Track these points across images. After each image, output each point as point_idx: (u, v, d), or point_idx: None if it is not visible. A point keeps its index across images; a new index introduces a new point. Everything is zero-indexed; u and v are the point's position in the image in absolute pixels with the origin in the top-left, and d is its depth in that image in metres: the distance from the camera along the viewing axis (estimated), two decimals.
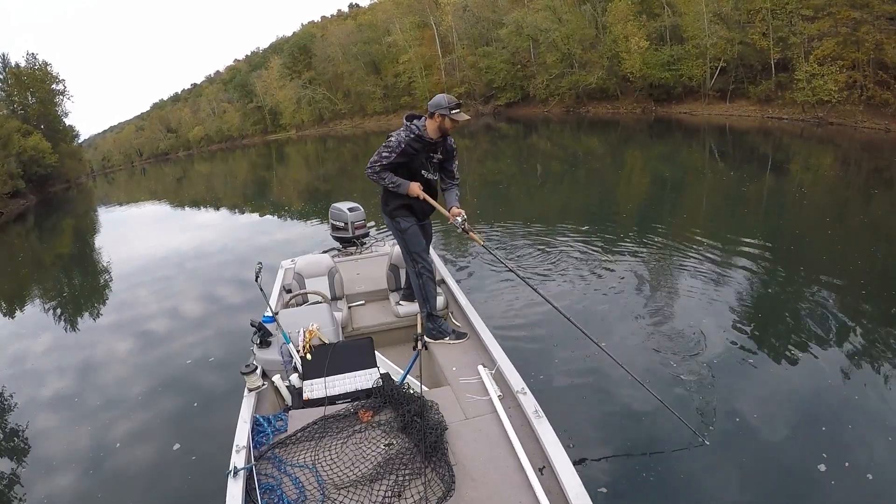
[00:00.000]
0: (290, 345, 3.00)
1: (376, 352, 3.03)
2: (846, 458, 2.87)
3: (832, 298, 4.81)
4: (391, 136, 3.09)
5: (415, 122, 3.11)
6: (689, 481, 2.85)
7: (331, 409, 2.57)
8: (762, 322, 4.56)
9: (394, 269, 4.00)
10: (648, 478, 2.89)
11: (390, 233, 4.00)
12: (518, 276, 3.49)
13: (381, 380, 2.76)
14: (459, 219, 3.16)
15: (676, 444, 3.09)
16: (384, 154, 3.08)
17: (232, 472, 2.13)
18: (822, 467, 2.83)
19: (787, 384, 3.62)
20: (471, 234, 3.19)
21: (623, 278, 5.73)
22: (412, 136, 3.06)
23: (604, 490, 2.81)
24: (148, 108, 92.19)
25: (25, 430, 4.40)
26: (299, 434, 2.40)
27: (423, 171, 3.17)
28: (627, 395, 3.59)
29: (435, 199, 3.28)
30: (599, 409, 3.53)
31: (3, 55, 39.88)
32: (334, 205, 5.64)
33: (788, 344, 4.12)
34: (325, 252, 5.27)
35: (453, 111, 3.00)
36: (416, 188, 3.12)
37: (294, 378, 2.87)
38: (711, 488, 2.81)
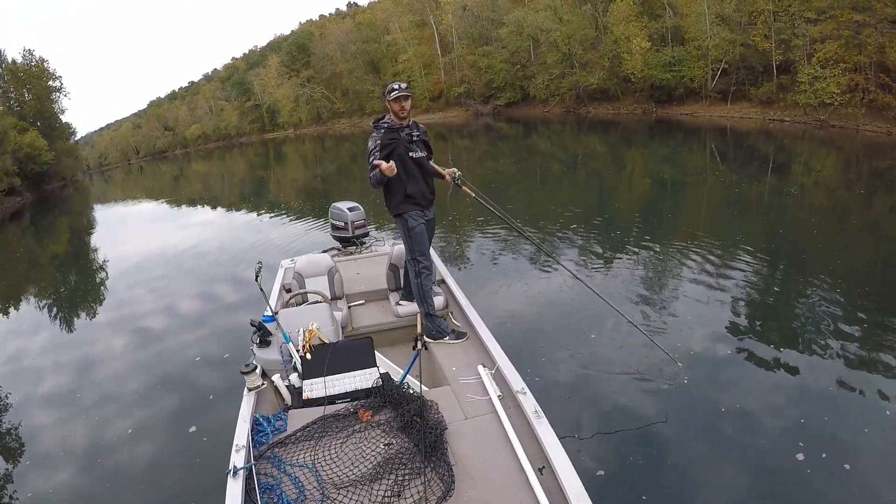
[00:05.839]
0: (290, 344, 2.99)
1: (376, 351, 3.02)
2: (824, 450, 2.97)
3: (815, 298, 4.93)
4: (368, 142, 3.29)
5: (381, 121, 3.36)
6: (681, 473, 2.94)
7: (330, 409, 2.57)
8: (750, 319, 4.65)
9: (394, 268, 4.00)
10: (646, 472, 2.95)
11: (391, 232, 4.03)
12: (510, 223, 3.92)
13: (380, 379, 2.75)
14: (457, 173, 3.51)
15: (672, 440, 3.17)
16: (369, 159, 3.26)
17: (231, 472, 2.12)
18: (801, 456, 2.92)
19: (770, 377, 3.73)
20: (464, 187, 3.55)
21: (619, 276, 5.76)
22: (382, 130, 3.28)
23: (601, 473, 2.92)
24: (145, 106, 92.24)
25: (23, 427, 4.38)
26: (299, 434, 2.39)
27: (410, 154, 3.31)
28: (627, 395, 3.62)
29: (427, 174, 3.44)
30: (599, 408, 3.54)
31: (0, 51, 39.74)
32: (334, 204, 5.63)
33: (773, 339, 4.24)
34: (324, 252, 5.26)
35: (390, 94, 3.22)
36: (383, 165, 3.09)
37: (294, 378, 2.86)
38: (698, 477, 2.91)
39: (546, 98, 32.13)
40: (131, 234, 14.99)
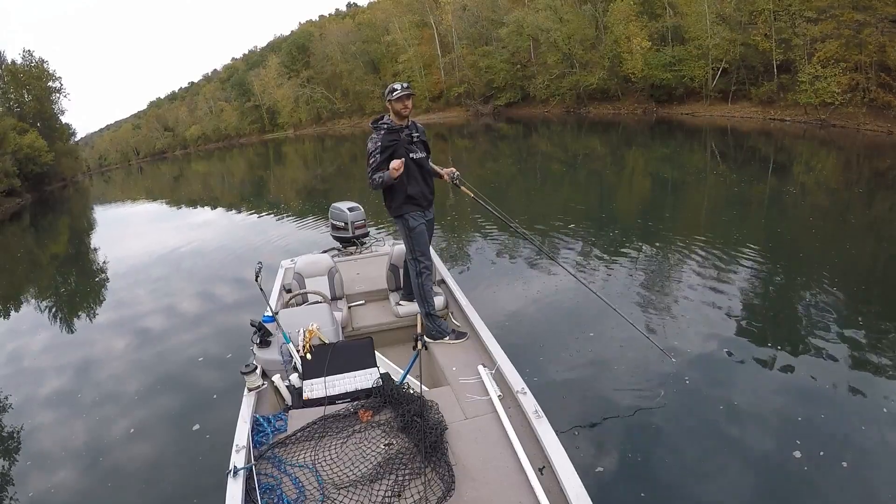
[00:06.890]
0: (290, 344, 3.00)
1: (376, 352, 3.02)
2: (821, 447, 2.98)
3: (814, 297, 4.95)
4: (368, 143, 3.29)
5: (380, 121, 3.34)
6: (680, 470, 2.96)
7: (331, 409, 2.57)
8: (749, 318, 4.67)
9: (394, 268, 4.00)
10: (645, 470, 2.96)
11: (391, 232, 4.03)
12: (509, 223, 3.89)
13: (381, 380, 2.76)
14: (455, 173, 3.54)
15: (671, 438, 3.19)
16: (370, 161, 3.27)
17: (232, 472, 2.12)
18: (798, 454, 2.93)
19: (768, 375, 3.75)
20: (462, 187, 3.58)
21: (619, 276, 5.76)
22: (383, 132, 3.27)
23: (601, 470, 2.93)
24: (145, 107, 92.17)
25: (24, 427, 4.37)
26: (299, 434, 2.39)
27: (410, 154, 3.31)
28: (627, 394, 3.62)
29: (428, 174, 3.45)
30: (599, 407, 3.54)
31: (0, 52, 39.67)
32: (334, 204, 5.64)
33: (771, 338, 4.26)
34: (325, 252, 5.26)
35: (392, 94, 3.22)
36: (395, 169, 3.14)
37: (294, 378, 2.86)
38: (696, 475, 2.93)
39: (546, 98, 32.08)
40: (131, 234, 14.97)
